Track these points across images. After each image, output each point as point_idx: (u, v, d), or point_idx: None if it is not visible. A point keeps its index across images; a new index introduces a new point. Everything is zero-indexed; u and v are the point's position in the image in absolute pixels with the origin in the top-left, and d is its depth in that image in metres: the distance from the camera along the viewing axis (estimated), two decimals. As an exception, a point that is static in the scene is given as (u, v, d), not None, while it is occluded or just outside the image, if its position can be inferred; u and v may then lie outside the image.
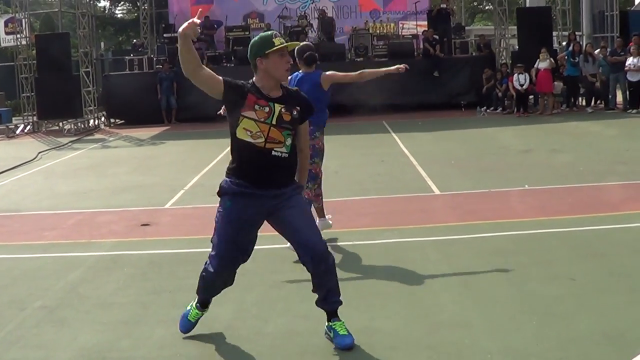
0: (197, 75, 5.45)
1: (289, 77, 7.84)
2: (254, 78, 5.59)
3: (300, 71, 8.75)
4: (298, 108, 5.58)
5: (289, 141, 5.50)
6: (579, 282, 6.78)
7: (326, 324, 5.69)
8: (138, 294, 7.16)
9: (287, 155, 5.51)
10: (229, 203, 5.56)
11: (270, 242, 6.81)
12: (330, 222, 8.80)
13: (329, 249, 5.66)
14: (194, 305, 5.99)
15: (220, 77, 5.48)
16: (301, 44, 8.82)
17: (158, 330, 6.10)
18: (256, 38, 5.63)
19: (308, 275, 5.56)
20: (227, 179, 5.63)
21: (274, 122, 5.44)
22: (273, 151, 5.45)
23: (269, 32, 5.66)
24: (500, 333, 5.66)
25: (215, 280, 5.76)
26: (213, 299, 5.97)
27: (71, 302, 6.98)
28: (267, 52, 5.44)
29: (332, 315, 5.67)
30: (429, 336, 5.70)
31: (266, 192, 5.51)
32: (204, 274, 5.79)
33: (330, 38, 28.57)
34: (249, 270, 6.67)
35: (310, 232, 5.57)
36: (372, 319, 6.09)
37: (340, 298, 5.68)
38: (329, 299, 5.66)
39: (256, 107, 5.43)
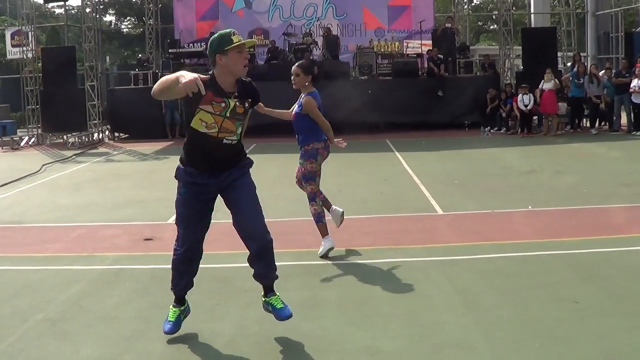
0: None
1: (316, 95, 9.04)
2: (214, 72, 5.87)
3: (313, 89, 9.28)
4: (250, 100, 5.97)
5: (239, 129, 5.93)
6: (581, 305, 6.76)
7: (263, 299, 6.19)
8: (140, 309, 7.15)
9: (236, 141, 5.97)
10: (183, 190, 6.29)
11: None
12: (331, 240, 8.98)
13: (267, 228, 6.06)
14: (171, 306, 6.31)
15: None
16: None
17: (159, 345, 6.10)
18: (215, 35, 5.91)
19: (311, 293, 5.57)
20: (180, 166, 6.27)
21: (227, 114, 5.83)
22: (224, 140, 5.89)
23: (228, 30, 5.88)
24: (502, 355, 5.65)
25: (184, 257, 6.25)
26: (212, 314, 6.09)
27: (73, 315, 6.97)
28: (226, 48, 5.73)
29: (269, 290, 6.15)
30: (431, 357, 5.69)
31: (215, 179, 6.03)
32: (174, 257, 6.27)
33: (335, 56, 28.63)
34: (251, 288, 6.68)
35: (252, 217, 6.03)
36: (374, 338, 6.08)
37: (277, 273, 6.17)
38: (266, 275, 6.13)
39: (213, 102, 5.77)
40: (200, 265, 6.47)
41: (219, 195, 6.17)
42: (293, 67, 9.22)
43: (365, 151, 20.64)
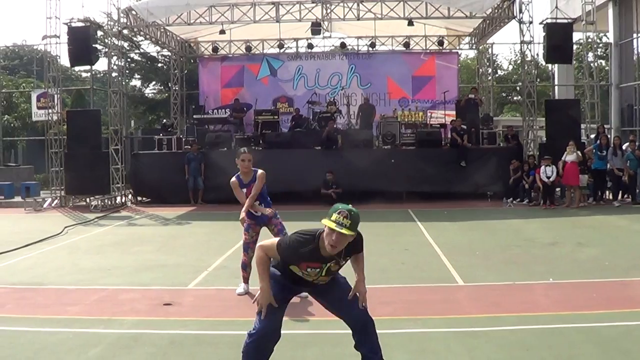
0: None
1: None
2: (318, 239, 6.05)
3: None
4: (348, 258, 6.21)
5: (332, 277, 6.22)
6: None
7: None
8: (157, 374, 7.13)
9: (328, 280, 6.25)
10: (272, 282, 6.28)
11: (290, 327, 6.77)
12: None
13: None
14: None
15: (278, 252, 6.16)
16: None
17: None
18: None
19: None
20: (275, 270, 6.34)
21: (323, 274, 6.15)
22: (319, 282, 6.24)
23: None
24: None
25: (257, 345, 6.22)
26: None
27: (90, 380, 6.95)
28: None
29: None
30: None
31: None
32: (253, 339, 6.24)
33: (369, 124, 28.79)
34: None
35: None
36: (393, 409, 6.02)
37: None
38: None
39: (308, 269, 6.09)
40: (219, 332, 6.46)
41: None
42: (246, 154, 10.66)
43: (387, 220, 20.62)
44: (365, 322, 6.24)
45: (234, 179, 10.72)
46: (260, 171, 10.65)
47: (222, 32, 29.73)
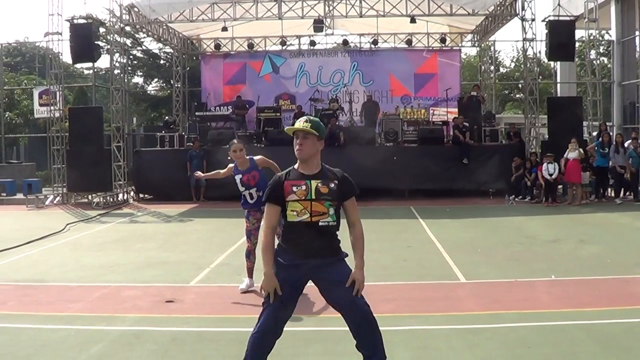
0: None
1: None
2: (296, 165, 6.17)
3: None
4: (336, 182, 6.06)
5: (332, 210, 5.97)
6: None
7: None
8: (159, 371, 7.13)
9: (334, 223, 6.01)
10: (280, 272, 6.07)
11: (293, 324, 6.76)
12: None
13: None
14: None
15: (269, 204, 6.12)
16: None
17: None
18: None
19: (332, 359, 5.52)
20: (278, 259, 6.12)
21: (313, 195, 5.94)
22: (320, 222, 5.94)
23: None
24: None
25: (263, 336, 6.08)
26: None
27: (92, 377, 6.96)
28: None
29: None
30: None
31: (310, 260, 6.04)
32: (255, 334, 6.09)
33: (373, 122, 28.79)
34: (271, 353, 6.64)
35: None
36: (394, 406, 6.02)
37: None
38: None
39: (294, 188, 5.96)
40: (221, 329, 6.45)
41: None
42: (236, 144, 10.77)
43: (389, 217, 20.62)
44: (364, 322, 6.12)
45: (231, 165, 10.87)
46: (258, 156, 10.82)
47: (225, 29, 29.72)
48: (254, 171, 10.54)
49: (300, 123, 6.02)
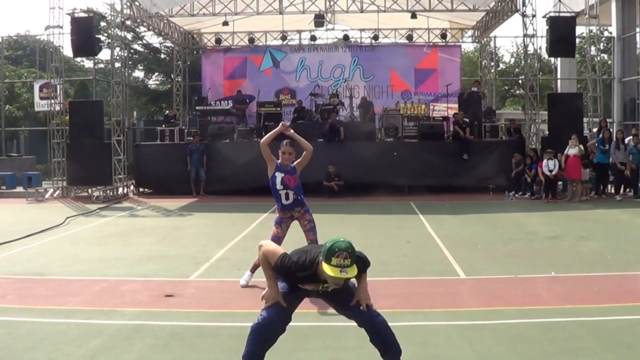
0: None
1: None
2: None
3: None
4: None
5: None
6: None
7: None
8: (158, 366, 7.12)
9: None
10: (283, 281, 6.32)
11: (293, 320, 6.75)
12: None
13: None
14: None
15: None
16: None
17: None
18: (330, 245, 5.92)
19: (331, 355, 5.53)
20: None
21: (321, 289, 6.24)
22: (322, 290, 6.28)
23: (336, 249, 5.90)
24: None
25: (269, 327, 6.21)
26: None
27: (91, 371, 6.95)
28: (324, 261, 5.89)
29: None
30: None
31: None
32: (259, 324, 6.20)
33: (372, 118, 28.75)
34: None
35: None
36: (394, 402, 6.01)
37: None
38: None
39: (305, 286, 6.19)
40: (221, 324, 6.46)
41: None
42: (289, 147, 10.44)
43: (389, 213, 20.63)
44: (373, 323, 6.26)
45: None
46: (295, 162, 10.62)
47: (225, 23, 29.65)
48: (296, 175, 10.45)
49: (342, 262, 5.85)
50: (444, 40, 34.34)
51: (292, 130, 10.47)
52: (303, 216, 10.48)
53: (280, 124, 10.61)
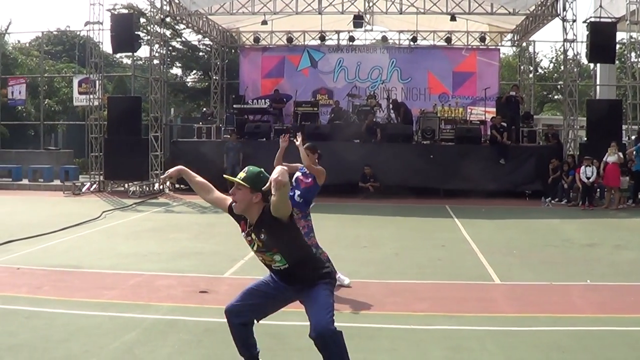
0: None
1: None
2: None
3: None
4: (263, 230, 6.07)
5: (277, 257, 6.02)
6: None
7: None
8: (192, 361, 7.15)
9: (287, 266, 6.05)
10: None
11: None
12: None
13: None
14: None
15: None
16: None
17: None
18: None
19: (364, 356, 5.52)
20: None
21: (254, 248, 6.08)
22: (273, 266, 6.10)
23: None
24: None
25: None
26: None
27: (125, 364, 7.00)
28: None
29: None
30: None
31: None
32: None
33: (409, 121, 28.64)
34: (304, 346, 6.64)
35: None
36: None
37: None
38: None
39: (243, 234, 6.23)
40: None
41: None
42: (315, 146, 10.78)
43: (424, 216, 20.58)
44: (319, 335, 5.90)
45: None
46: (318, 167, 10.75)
47: (264, 22, 29.78)
48: (311, 179, 10.47)
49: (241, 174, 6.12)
50: (482, 44, 34.20)
51: (298, 140, 10.55)
52: (298, 221, 10.50)
53: (280, 139, 10.78)
